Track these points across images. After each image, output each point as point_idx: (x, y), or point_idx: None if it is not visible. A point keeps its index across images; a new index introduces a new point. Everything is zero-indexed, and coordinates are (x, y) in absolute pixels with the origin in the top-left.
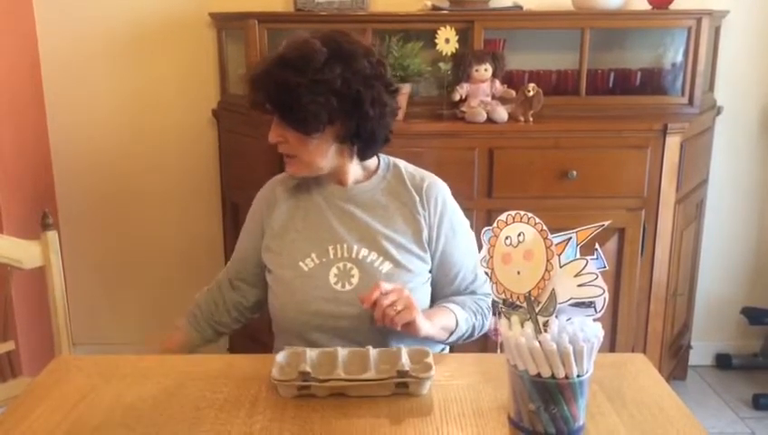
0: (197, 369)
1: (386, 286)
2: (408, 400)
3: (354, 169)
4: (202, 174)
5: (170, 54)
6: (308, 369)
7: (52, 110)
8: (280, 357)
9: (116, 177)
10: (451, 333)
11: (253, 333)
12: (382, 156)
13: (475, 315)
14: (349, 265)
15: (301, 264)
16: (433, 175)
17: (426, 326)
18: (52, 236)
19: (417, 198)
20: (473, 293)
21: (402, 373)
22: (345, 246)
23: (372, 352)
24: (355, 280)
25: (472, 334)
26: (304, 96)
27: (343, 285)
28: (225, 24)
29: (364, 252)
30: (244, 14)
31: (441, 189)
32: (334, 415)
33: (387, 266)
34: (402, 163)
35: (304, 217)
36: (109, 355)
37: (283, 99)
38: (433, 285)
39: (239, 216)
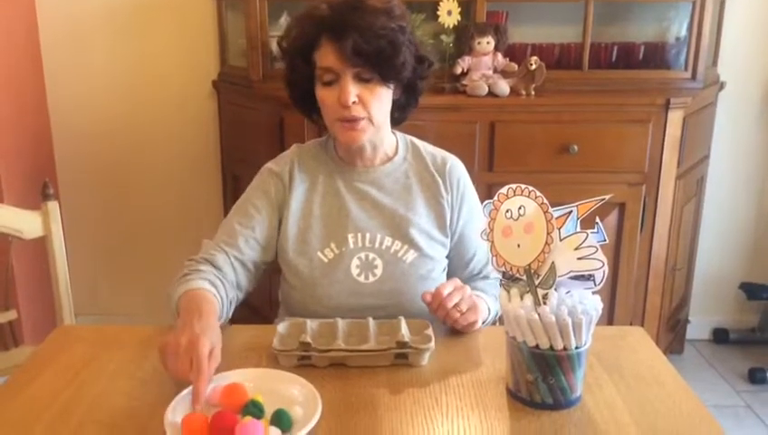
0: None
1: (448, 287)
2: (407, 370)
3: (387, 141)
4: (202, 146)
5: (170, 25)
6: (308, 339)
7: (51, 81)
8: (281, 328)
9: (116, 148)
10: (483, 322)
11: (252, 304)
12: (399, 134)
13: (496, 300)
14: (371, 255)
15: (320, 254)
16: (451, 154)
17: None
18: (52, 206)
19: (441, 181)
20: (485, 277)
21: (402, 344)
22: (368, 235)
23: (372, 323)
24: (379, 271)
25: (493, 320)
26: (402, 41)
27: (366, 277)
28: None
29: (387, 241)
30: None
31: (462, 170)
32: (334, 385)
33: (411, 256)
34: (418, 142)
35: (321, 203)
36: (110, 325)
37: (381, 45)
38: (447, 267)
39: (239, 187)
